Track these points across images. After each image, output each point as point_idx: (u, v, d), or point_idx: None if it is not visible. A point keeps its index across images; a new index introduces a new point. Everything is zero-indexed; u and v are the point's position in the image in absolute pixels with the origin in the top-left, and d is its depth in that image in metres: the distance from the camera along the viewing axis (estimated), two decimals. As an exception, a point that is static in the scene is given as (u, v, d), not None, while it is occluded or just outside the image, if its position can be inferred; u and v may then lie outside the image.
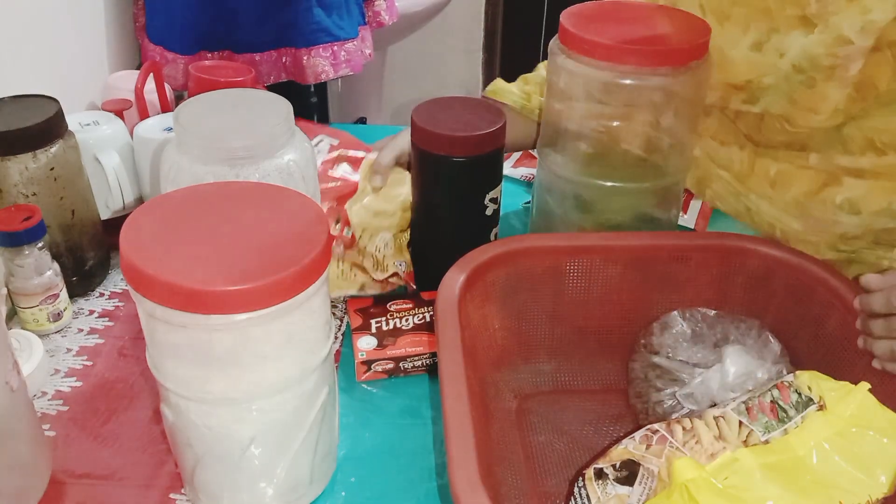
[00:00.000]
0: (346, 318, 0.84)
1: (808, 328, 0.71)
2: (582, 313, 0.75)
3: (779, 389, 0.59)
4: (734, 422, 0.57)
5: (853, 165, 0.75)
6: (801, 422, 0.56)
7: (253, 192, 0.59)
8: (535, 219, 0.92)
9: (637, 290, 0.75)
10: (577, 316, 0.75)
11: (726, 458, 0.53)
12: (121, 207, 0.88)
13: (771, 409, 0.57)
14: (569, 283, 0.74)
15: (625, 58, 0.75)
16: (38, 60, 0.96)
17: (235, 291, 0.49)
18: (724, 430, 0.56)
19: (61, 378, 0.76)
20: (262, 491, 0.61)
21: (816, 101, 0.73)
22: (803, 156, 0.78)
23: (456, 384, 0.58)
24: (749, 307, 0.75)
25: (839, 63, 0.70)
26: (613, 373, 0.76)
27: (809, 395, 0.58)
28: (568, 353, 0.77)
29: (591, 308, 0.75)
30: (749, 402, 0.58)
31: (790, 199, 0.81)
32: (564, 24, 0.78)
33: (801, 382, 0.59)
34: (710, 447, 0.54)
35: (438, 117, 0.80)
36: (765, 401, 0.58)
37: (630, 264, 0.74)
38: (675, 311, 0.73)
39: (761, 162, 0.83)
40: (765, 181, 0.83)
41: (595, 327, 0.76)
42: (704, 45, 0.76)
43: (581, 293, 0.75)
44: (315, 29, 1.08)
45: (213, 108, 0.75)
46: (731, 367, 0.66)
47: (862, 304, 0.64)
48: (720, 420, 0.57)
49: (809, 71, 0.72)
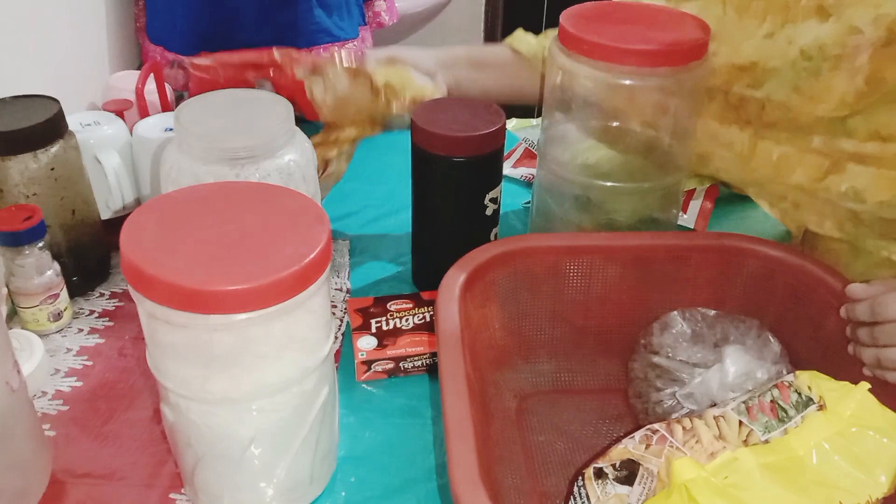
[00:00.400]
0: (346, 318, 0.84)
1: (807, 328, 0.71)
2: (582, 313, 0.75)
3: (779, 389, 0.59)
4: (734, 421, 0.57)
5: (857, 150, 0.75)
6: (801, 421, 0.56)
7: (253, 192, 0.59)
8: (534, 219, 0.93)
9: (637, 290, 0.75)
10: (577, 316, 0.76)
11: (726, 458, 0.53)
12: (121, 207, 0.89)
13: (771, 409, 0.57)
14: (569, 283, 0.74)
15: (624, 58, 0.75)
16: (39, 60, 0.96)
17: (235, 291, 0.49)
18: (724, 430, 0.56)
19: (61, 378, 0.76)
20: (262, 491, 0.61)
21: (821, 90, 0.73)
22: (807, 139, 0.78)
23: (456, 384, 0.58)
24: (749, 307, 0.75)
25: (847, 53, 0.70)
26: (613, 373, 0.76)
27: (809, 394, 0.58)
28: (568, 352, 0.77)
29: (591, 308, 0.75)
30: (749, 401, 0.58)
31: (794, 184, 0.81)
32: (564, 25, 0.78)
33: (801, 382, 0.59)
34: (710, 446, 0.54)
35: (438, 117, 0.80)
36: (765, 400, 0.58)
37: (630, 264, 0.74)
38: (675, 311, 0.73)
39: (763, 145, 0.82)
40: (767, 165, 0.82)
41: (595, 327, 0.76)
42: (704, 46, 0.76)
43: (581, 293, 0.75)
44: (315, 29, 1.09)
45: (213, 108, 0.75)
46: (730, 366, 0.66)
47: (848, 313, 0.65)
48: (720, 420, 0.57)
49: (817, 59, 0.72)
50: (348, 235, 0.99)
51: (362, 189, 1.09)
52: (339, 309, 0.86)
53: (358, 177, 1.12)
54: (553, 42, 0.81)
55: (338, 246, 0.96)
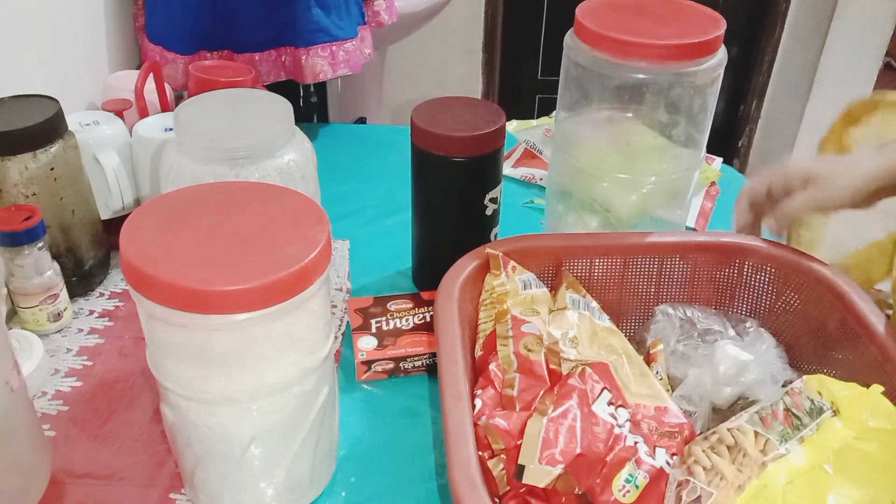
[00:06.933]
0: (346, 318, 0.84)
1: (808, 329, 0.71)
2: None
3: (790, 396, 0.58)
4: (749, 433, 0.56)
5: None
6: (816, 429, 0.56)
7: (253, 192, 0.59)
8: (548, 217, 0.93)
9: (636, 289, 0.75)
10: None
11: (754, 487, 0.53)
12: (120, 207, 0.88)
13: (785, 417, 0.57)
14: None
15: (639, 52, 0.75)
16: (38, 60, 0.95)
17: (235, 291, 0.49)
18: (741, 441, 0.55)
19: (61, 378, 0.76)
20: (262, 491, 0.61)
21: None
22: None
23: (456, 384, 0.58)
24: (749, 307, 0.75)
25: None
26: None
27: (822, 400, 0.58)
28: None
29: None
30: (762, 411, 0.58)
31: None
32: (579, 18, 0.78)
33: (811, 388, 0.59)
34: (735, 480, 0.54)
35: (438, 117, 0.80)
36: (778, 409, 0.57)
37: (629, 263, 0.74)
38: (669, 307, 0.73)
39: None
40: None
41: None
42: (718, 40, 0.76)
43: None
44: (314, 29, 1.08)
45: (213, 108, 0.75)
46: (720, 362, 0.66)
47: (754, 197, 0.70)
48: (735, 432, 0.56)
49: None
50: (348, 236, 0.99)
51: (362, 189, 1.09)
52: (339, 309, 0.86)
53: (358, 177, 1.12)
54: (568, 35, 0.81)
55: (338, 246, 0.96)
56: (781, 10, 2.18)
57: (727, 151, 2.45)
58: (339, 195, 1.05)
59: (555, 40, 2.20)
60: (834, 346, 0.68)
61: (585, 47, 0.78)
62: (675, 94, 0.81)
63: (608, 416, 0.59)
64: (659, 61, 0.75)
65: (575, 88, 0.83)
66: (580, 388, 0.59)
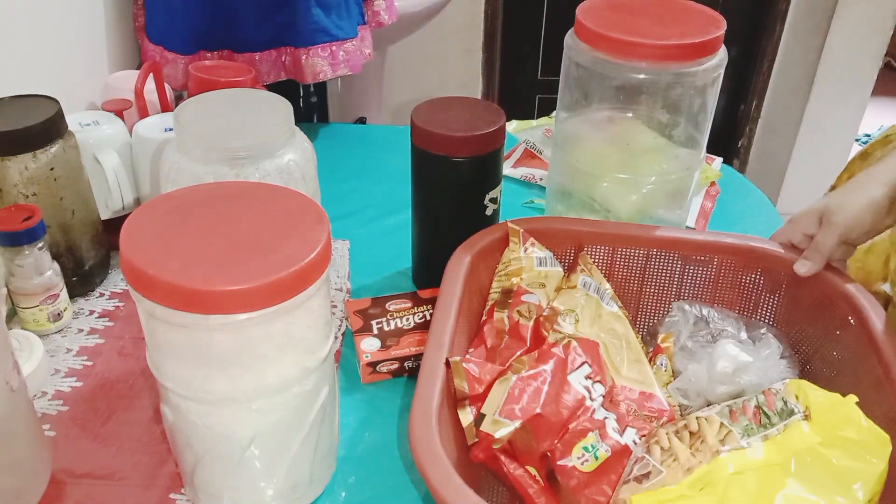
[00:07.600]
0: (345, 318, 0.84)
1: (823, 340, 0.70)
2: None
3: (765, 395, 0.59)
4: (715, 423, 0.57)
5: None
6: (782, 429, 0.56)
7: (253, 192, 0.59)
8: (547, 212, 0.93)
9: (658, 283, 0.76)
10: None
11: (701, 471, 0.54)
12: (120, 207, 0.88)
13: (754, 414, 0.58)
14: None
15: (639, 52, 0.75)
16: (38, 60, 0.95)
17: (235, 291, 0.49)
18: (704, 429, 0.57)
19: (61, 378, 0.76)
20: (262, 491, 0.61)
21: None
22: None
23: (441, 335, 0.61)
24: (765, 312, 0.75)
25: None
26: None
27: (796, 403, 0.58)
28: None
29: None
30: (734, 405, 0.59)
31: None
32: (580, 18, 0.78)
33: (789, 391, 0.59)
34: (686, 463, 0.55)
35: (438, 117, 0.80)
36: (749, 405, 0.59)
37: (652, 256, 0.75)
38: (687, 304, 0.74)
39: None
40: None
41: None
42: (718, 40, 0.76)
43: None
44: (314, 29, 1.08)
45: (213, 108, 0.75)
46: (718, 359, 0.66)
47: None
48: (702, 420, 0.58)
49: None
50: (348, 236, 0.99)
51: (362, 189, 1.09)
52: (338, 309, 0.86)
53: (358, 177, 1.12)
54: (568, 35, 0.81)
55: (338, 246, 0.96)
56: (781, 10, 2.18)
57: (727, 151, 2.45)
58: (339, 195, 1.05)
59: (555, 40, 2.20)
60: (845, 363, 0.66)
61: (586, 47, 0.78)
62: (676, 94, 0.81)
63: (581, 388, 0.62)
64: (659, 61, 0.75)
65: (575, 88, 0.83)
66: (560, 356, 0.63)
